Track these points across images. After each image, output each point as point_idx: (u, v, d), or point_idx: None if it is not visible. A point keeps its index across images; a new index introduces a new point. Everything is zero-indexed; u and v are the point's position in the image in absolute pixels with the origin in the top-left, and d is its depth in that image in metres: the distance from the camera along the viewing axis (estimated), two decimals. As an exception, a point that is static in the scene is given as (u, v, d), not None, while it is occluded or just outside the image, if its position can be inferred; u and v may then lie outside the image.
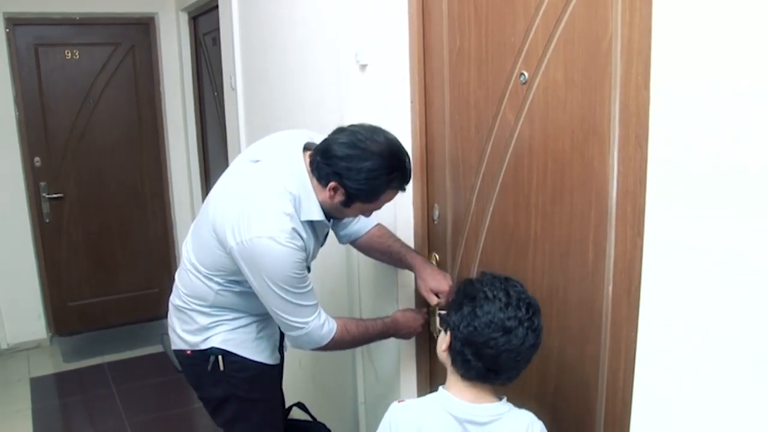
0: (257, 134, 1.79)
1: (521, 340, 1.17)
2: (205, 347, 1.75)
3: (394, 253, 1.85)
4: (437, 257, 1.90)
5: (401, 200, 1.94)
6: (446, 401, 1.24)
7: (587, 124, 1.28)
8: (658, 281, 1.02)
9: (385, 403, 2.17)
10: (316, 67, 2.26)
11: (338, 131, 1.55)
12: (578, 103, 1.30)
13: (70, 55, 4.05)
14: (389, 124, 1.61)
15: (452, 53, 1.70)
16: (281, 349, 1.91)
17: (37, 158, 4.06)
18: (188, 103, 4.22)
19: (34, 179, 4.07)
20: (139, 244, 4.45)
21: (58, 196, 4.15)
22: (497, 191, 1.59)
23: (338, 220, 1.79)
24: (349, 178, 1.50)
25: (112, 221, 4.35)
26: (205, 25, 3.88)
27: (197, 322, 1.75)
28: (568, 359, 1.40)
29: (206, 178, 4.21)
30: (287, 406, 2.09)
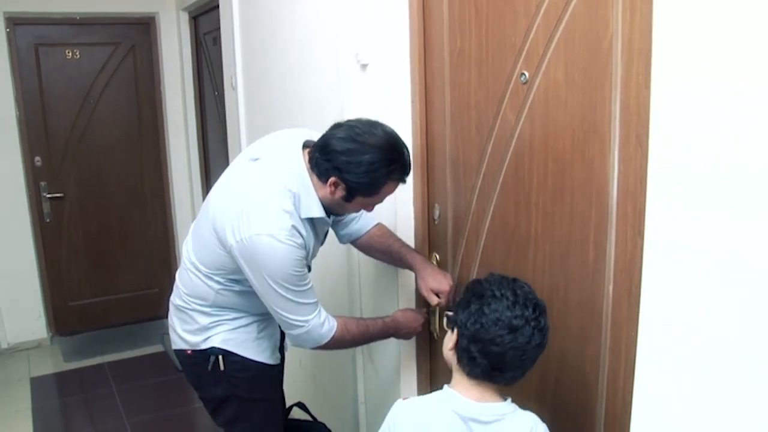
0: (258, 134, 1.79)
1: (527, 338, 1.18)
2: (205, 347, 1.75)
3: (394, 252, 1.85)
4: (437, 257, 1.90)
5: (402, 200, 1.94)
6: (451, 399, 1.25)
7: (588, 123, 1.28)
8: (658, 281, 1.02)
9: (385, 403, 2.17)
10: (316, 66, 2.26)
11: (336, 126, 1.55)
12: (579, 102, 1.30)
13: (70, 54, 4.05)
14: (390, 123, 1.62)
15: (453, 53, 1.70)
16: (282, 349, 1.92)
17: (37, 158, 4.07)
18: (189, 102, 4.22)
19: (34, 179, 4.08)
20: (139, 243, 4.45)
21: (58, 195, 4.15)
22: (498, 191, 1.59)
23: (339, 216, 1.79)
24: (348, 172, 1.50)
25: (112, 221, 4.35)
26: (205, 24, 3.88)
27: (198, 321, 1.75)
28: (568, 359, 1.40)
29: (207, 177, 4.21)
30: (288, 405, 2.09)
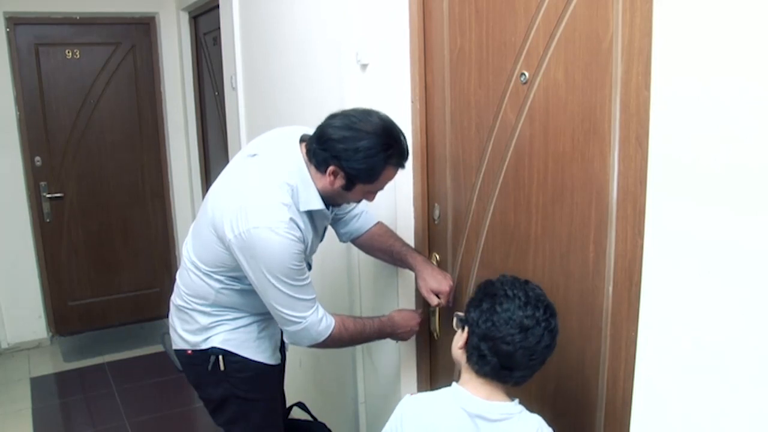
0: (258, 134, 1.80)
1: (537, 339, 1.19)
2: (205, 347, 1.75)
3: (395, 252, 1.85)
4: (437, 257, 1.90)
5: (402, 199, 1.94)
6: (459, 396, 1.25)
7: (588, 123, 1.28)
8: (658, 281, 1.02)
9: (385, 403, 2.18)
10: (317, 66, 2.26)
11: (332, 116, 1.56)
12: (579, 102, 1.30)
13: (70, 54, 4.05)
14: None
15: (453, 53, 1.70)
16: (283, 349, 1.92)
17: (37, 158, 4.07)
18: (189, 102, 4.22)
19: (34, 179, 4.08)
20: (139, 243, 4.45)
21: (58, 195, 4.15)
22: (498, 191, 1.60)
23: (340, 208, 1.79)
24: (347, 159, 1.50)
25: (112, 221, 4.35)
26: (205, 24, 3.88)
27: (198, 321, 1.75)
28: (568, 359, 1.40)
29: (207, 177, 4.21)
30: (288, 405, 2.09)
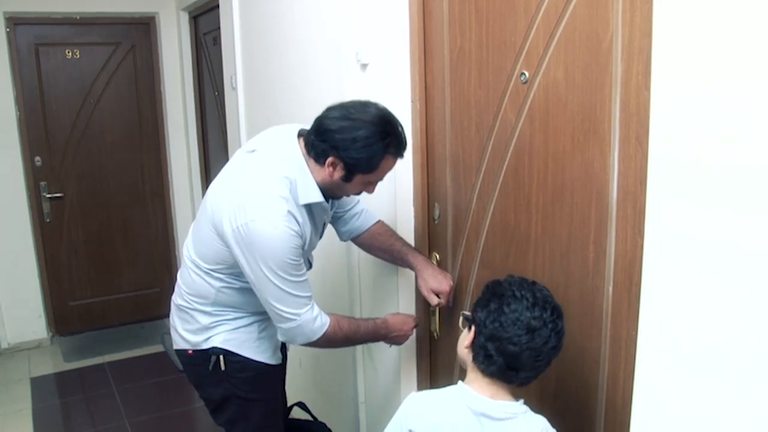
0: (258, 134, 1.80)
1: (544, 340, 1.19)
2: (206, 347, 1.75)
3: (395, 251, 1.85)
4: (437, 257, 1.90)
5: (402, 200, 1.95)
6: (465, 394, 1.26)
7: (588, 123, 1.28)
8: (658, 280, 1.02)
9: (385, 403, 2.18)
10: (317, 66, 2.26)
11: (329, 109, 1.56)
12: (579, 102, 1.30)
13: (70, 54, 4.05)
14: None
15: (453, 53, 1.70)
16: (284, 349, 1.91)
17: (37, 158, 4.07)
18: (189, 102, 4.22)
19: (34, 179, 4.08)
20: (139, 243, 4.45)
21: (58, 195, 4.15)
22: (498, 190, 1.60)
23: (339, 206, 1.79)
24: (345, 149, 1.50)
25: (112, 221, 4.35)
26: (205, 24, 3.88)
27: (199, 321, 1.75)
28: (568, 359, 1.40)
29: (207, 177, 4.21)
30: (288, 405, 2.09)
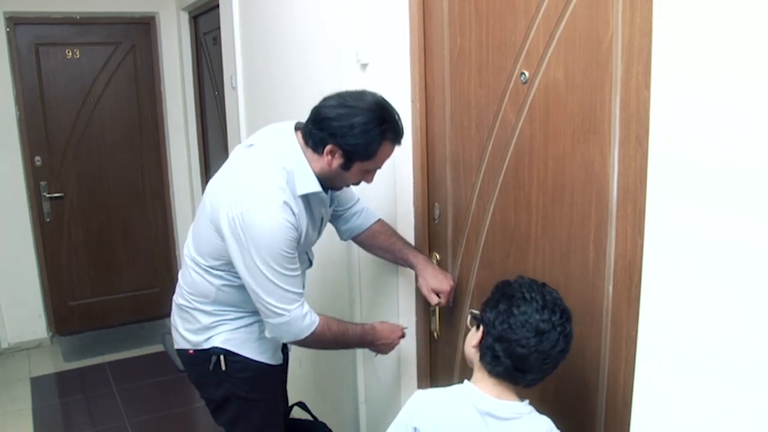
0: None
1: (552, 343, 1.19)
2: (207, 347, 1.75)
3: (396, 250, 1.85)
4: (438, 256, 1.90)
5: (402, 200, 1.94)
6: (470, 393, 1.26)
7: (588, 123, 1.28)
8: (658, 280, 1.02)
9: (385, 403, 2.18)
10: (317, 66, 2.26)
11: (326, 98, 1.58)
12: (579, 102, 1.30)
13: (70, 54, 4.05)
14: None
15: (453, 52, 1.70)
16: (285, 349, 1.91)
17: (37, 157, 4.07)
18: (189, 102, 4.22)
19: (34, 178, 4.07)
20: (139, 243, 4.45)
21: (58, 195, 4.15)
22: (498, 190, 1.60)
23: (338, 204, 1.80)
24: (343, 136, 1.51)
25: (112, 221, 4.35)
26: (205, 24, 3.88)
27: (199, 321, 1.75)
28: (568, 359, 1.39)
29: (207, 177, 4.20)
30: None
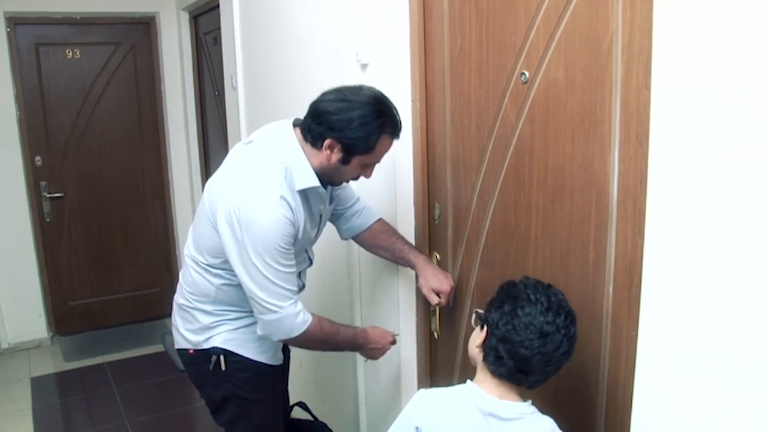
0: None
1: (556, 345, 1.18)
2: (207, 347, 1.75)
3: (396, 250, 1.85)
4: (438, 257, 1.90)
5: (402, 200, 1.94)
6: (473, 393, 1.26)
7: (588, 123, 1.28)
8: (658, 281, 1.02)
9: (385, 402, 2.18)
10: (317, 66, 2.26)
11: (324, 93, 1.59)
12: (579, 102, 1.30)
13: (71, 54, 4.05)
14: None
15: (453, 52, 1.70)
16: (286, 349, 1.91)
17: (37, 157, 4.07)
18: (189, 102, 4.22)
19: (34, 178, 4.07)
20: (139, 243, 4.45)
21: (58, 195, 4.15)
22: (498, 190, 1.60)
23: (338, 202, 1.80)
24: (341, 129, 1.52)
25: (112, 221, 4.35)
26: (206, 24, 3.88)
27: (200, 321, 1.75)
28: (568, 359, 1.40)
29: (207, 177, 4.17)
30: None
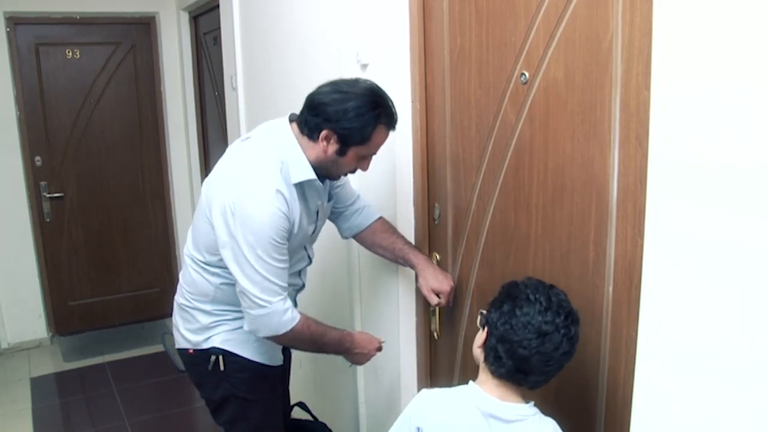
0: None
1: (555, 345, 1.18)
2: (206, 347, 1.75)
3: (397, 250, 1.85)
4: (438, 257, 1.90)
5: (402, 200, 1.94)
6: (474, 394, 1.26)
7: (588, 123, 1.28)
8: (658, 281, 1.02)
9: (385, 402, 2.18)
10: (317, 66, 2.26)
11: (320, 86, 1.59)
12: (579, 102, 1.30)
13: (70, 54, 4.05)
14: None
15: (453, 53, 1.70)
16: (286, 349, 1.90)
17: (37, 157, 4.06)
18: (189, 102, 4.22)
19: (34, 178, 4.07)
20: (139, 243, 4.45)
21: (58, 195, 4.15)
22: (498, 190, 1.60)
23: (336, 181, 1.78)
24: (337, 119, 1.53)
25: (112, 221, 4.35)
26: (205, 24, 3.88)
27: (199, 321, 1.75)
28: (568, 359, 1.40)
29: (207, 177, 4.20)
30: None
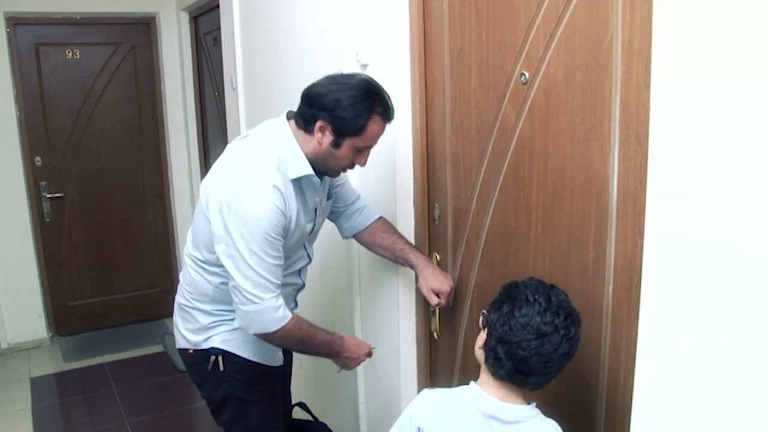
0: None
1: (554, 346, 1.18)
2: (206, 347, 1.75)
3: (397, 250, 1.85)
4: (438, 257, 1.90)
5: (402, 200, 1.94)
6: (475, 395, 1.26)
7: (588, 123, 1.28)
8: (658, 281, 1.02)
9: (385, 402, 2.18)
10: (317, 66, 2.26)
11: (317, 80, 1.61)
12: (579, 102, 1.30)
13: (70, 54, 4.05)
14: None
15: (453, 53, 1.70)
16: (286, 351, 1.90)
17: (37, 158, 4.06)
18: (189, 102, 4.22)
19: (34, 179, 4.07)
20: (139, 243, 4.45)
21: (58, 195, 4.15)
22: (498, 190, 1.60)
23: (333, 177, 1.76)
24: (332, 109, 1.54)
25: (112, 221, 4.35)
26: (205, 24, 3.88)
27: (199, 321, 1.75)
28: (568, 359, 1.40)
29: (207, 177, 4.20)
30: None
